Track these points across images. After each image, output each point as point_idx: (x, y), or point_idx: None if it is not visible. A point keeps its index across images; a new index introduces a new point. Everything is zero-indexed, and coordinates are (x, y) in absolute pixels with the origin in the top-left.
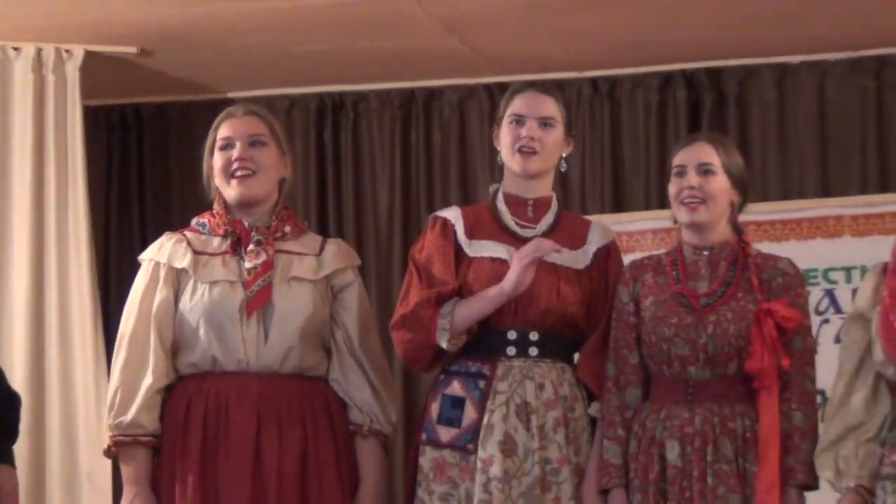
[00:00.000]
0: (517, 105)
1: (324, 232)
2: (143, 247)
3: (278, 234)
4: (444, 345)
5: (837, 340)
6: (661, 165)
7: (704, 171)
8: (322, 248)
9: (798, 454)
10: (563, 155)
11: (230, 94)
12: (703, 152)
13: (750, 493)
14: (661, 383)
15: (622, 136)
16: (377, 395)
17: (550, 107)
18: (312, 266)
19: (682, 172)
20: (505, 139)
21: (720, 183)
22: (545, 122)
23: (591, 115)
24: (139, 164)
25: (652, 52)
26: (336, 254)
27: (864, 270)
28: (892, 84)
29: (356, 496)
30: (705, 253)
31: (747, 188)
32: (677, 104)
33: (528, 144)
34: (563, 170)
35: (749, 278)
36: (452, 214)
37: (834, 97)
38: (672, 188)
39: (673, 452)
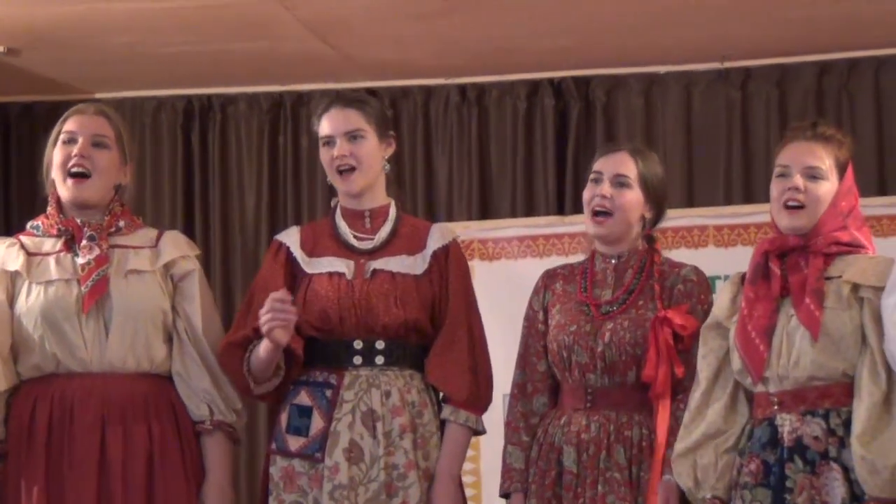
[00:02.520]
0: (324, 126)
1: (190, 235)
2: None
3: (112, 229)
4: (255, 391)
5: None
6: (529, 173)
7: (619, 182)
8: (158, 240)
9: None
10: (385, 157)
11: (98, 95)
12: (622, 163)
13: (642, 502)
14: (565, 390)
15: (489, 143)
16: (218, 383)
17: (355, 119)
18: (149, 257)
19: (598, 179)
20: (323, 159)
21: (633, 196)
22: (354, 136)
23: (459, 122)
24: (5, 163)
25: (520, 60)
26: (173, 243)
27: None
28: (757, 95)
29: (201, 491)
30: (613, 261)
31: (663, 203)
32: (545, 112)
33: (345, 163)
34: (386, 171)
35: (653, 286)
36: (288, 236)
37: (700, 108)
38: (586, 194)
39: (569, 458)
